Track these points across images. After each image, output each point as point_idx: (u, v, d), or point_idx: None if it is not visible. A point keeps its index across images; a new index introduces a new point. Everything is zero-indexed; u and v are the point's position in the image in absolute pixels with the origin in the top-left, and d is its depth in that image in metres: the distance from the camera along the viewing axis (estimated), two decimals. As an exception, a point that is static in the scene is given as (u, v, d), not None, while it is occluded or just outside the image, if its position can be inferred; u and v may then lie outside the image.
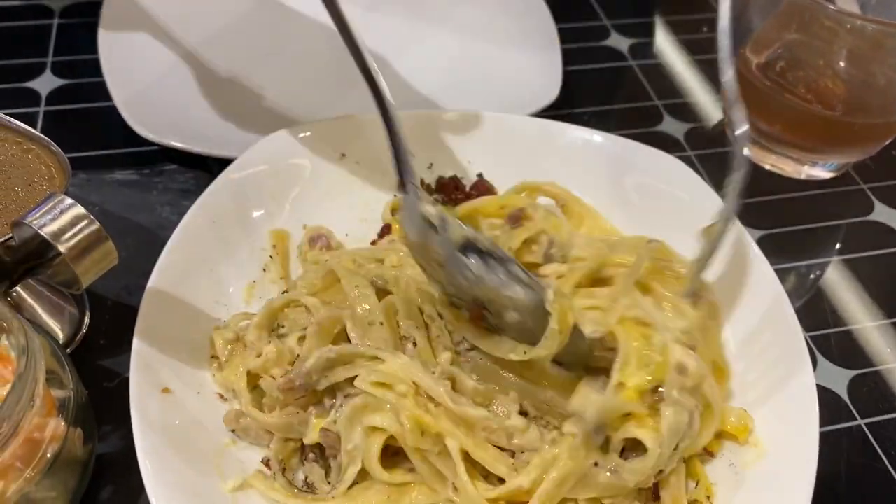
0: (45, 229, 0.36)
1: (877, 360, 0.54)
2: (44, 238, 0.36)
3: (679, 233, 0.49)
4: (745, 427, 0.43)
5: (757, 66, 0.60)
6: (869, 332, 0.55)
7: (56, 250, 0.37)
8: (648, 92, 0.72)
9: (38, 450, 0.37)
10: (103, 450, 0.44)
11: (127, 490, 0.43)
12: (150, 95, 0.62)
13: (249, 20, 0.71)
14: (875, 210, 0.64)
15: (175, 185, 0.58)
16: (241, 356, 0.45)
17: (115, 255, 0.38)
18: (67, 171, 0.42)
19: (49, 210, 0.36)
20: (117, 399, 0.45)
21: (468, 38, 0.72)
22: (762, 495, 0.41)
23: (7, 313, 0.38)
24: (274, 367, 0.45)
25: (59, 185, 0.43)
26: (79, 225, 0.36)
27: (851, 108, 0.58)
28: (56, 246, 0.36)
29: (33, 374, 0.36)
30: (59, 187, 0.43)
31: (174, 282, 0.46)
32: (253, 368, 0.45)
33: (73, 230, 0.36)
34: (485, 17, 0.73)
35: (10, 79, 0.67)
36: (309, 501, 0.41)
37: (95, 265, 0.37)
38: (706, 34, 0.79)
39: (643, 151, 0.56)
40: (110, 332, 0.49)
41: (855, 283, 0.59)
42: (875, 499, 0.47)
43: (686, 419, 0.41)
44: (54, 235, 0.36)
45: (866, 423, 0.50)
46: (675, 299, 0.45)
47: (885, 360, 0.54)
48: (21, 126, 0.45)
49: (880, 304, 0.57)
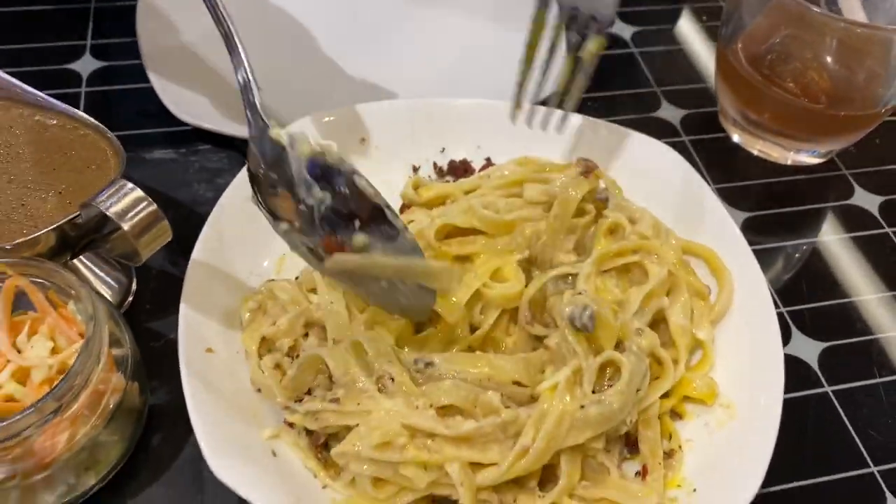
0: (111, 210, 0.41)
1: (846, 334, 0.59)
2: (109, 217, 0.41)
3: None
4: (712, 392, 0.49)
5: (747, 59, 0.64)
6: (841, 308, 0.61)
7: (117, 227, 0.43)
8: (648, 79, 0.76)
9: (102, 400, 0.43)
10: (152, 402, 0.50)
11: (174, 437, 0.49)
12: (186, 78, 0.67)
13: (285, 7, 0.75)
14: (855, 195, 0.69)
15: (209, 163, 0.64)
16: (259, 322, 0.51)
17: (169, 232, 0.44)
18: (122, 155, 0.48)
19: (113, 193, 0.42)
20: (163, 357, 0.51)
21: (476, 26, 0.76)
22: (730, 450, 0.47)
23: (76, 283, 0.43)
24: (284, 336, 0.50)
25: (114, 168, 0.48)
26: (139, 206, 0.42)
27: (835, 101, 0.63)
28: (120, 224, 0.41)
29: (99, 337, 0.42)
30: (114, 169, 0.48)
31: (214, 254, 0.52)
32: (267, 335, 0.50)
33: (135, 210, 0.42)
34: (491, 4, 0.77)
35: (53, 61, 0.72)
36: (321, 468, 0.46)
37: (153, 241, 0.43)
38: (706, 23, 0.83)
39: (636, 138, 0.61)
40: (155, 298, 0.55)
41: (832, 263, 0.64)
42: (837, 457, 0.53)
43: (644, 368, 0.48)
44: (118, 215, 0.41)
45: (832, 390, 0.56)
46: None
47: (854, 334, 0.59)
48: (78, 113, 0.50)
49: (853, 283, 0.62)
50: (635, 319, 0.51)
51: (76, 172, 0.48)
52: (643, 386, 0.48)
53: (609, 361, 0.47)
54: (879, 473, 0.52)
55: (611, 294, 0.53)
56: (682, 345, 0.51)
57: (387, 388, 0.46)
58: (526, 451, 0.44)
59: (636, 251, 0.54)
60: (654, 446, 0.48)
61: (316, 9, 0.76)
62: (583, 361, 0.47)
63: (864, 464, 0.52)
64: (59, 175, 0.48)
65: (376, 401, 0.45)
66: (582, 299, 0.49)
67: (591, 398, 0.46)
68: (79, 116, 0.50)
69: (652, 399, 0.49)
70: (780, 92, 0.63)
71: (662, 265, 0.53)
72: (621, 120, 0.71)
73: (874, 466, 0.52)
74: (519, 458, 0.44)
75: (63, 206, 0.46)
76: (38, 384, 0.43)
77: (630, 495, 0.46)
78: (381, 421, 0.44)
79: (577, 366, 0.47)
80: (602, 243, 0.55)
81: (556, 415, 0.45)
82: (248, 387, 0.49)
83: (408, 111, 0.62)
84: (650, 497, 0.46)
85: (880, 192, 0.69)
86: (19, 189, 0.47)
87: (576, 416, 0.45)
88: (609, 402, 0.46)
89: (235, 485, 0.42)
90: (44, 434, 0.40)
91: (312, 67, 0.71)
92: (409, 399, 0.45)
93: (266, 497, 0.42)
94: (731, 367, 0.51)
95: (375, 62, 0.72)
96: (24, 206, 0.46)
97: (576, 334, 0.48)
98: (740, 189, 0.68)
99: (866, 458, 0.53)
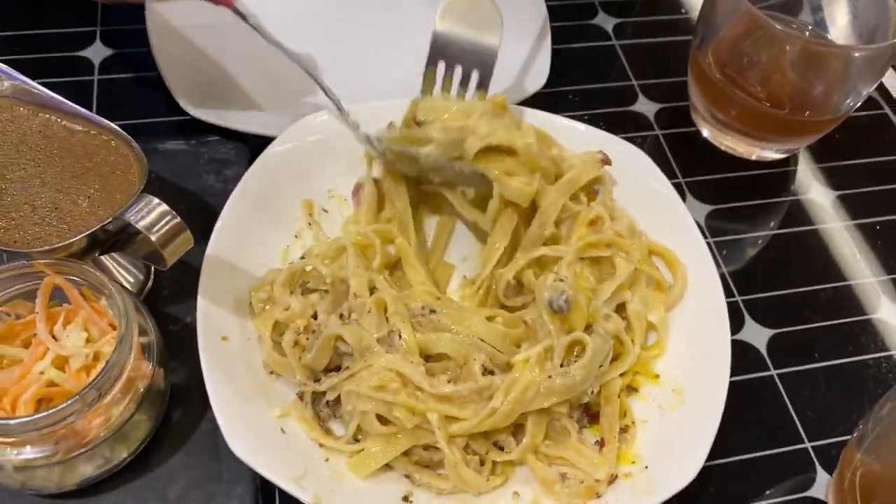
0: (140, 224, 0.47)
1: (793, 322, 0.66)
2: (139, 230, 0.47)
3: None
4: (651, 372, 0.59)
5: (716, 62, 0.70)
6: (791, 297, 0.67)
7: (143, 234, 0.49)
8: (627, 72, 0.81)
9: (133, 386, 0.49)
10: (173, 381, 0.56)
11: (193, 412, 0.55)
12: (195, 71, 0.71)
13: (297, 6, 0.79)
14: (812, 189, 0.75)
15: (218, 154, 0.68)
16: (270, 310, 0.57)
17: (191, 240, 0.49)
18: (144, 164, 0.53)
19: (142, 208, 0.48)
20: (181, 340, 0.57)
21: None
22: (679, 431, 0.54)
23: (107, 283, 0.49)
24: (298, 318, 0.57)
25: (137, 174, 0.53)
26: (164, 219, 0.48)
27: (796, 107, 0.68)
28: (149, 237, 0.47)
29: (131, 331, 0.48)
30: (137, 175, 0.53)
31: (227, 248, 0.58)
32: (280, 319, 0.56)
33: (161, 223, 0.48)
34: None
35: (64, 47, 0.76)
36: (324, 436, 0.53)
37: (178, 249, 0.49)
38: (684, 15, 0.87)
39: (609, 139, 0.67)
40: (171, 285, 0.61)
41: (787, 254, 0.70)
42: (776, 434, 0.60)
43: (607, 349, 0.55)
44: (146, 228, 0.47)
45: (777, 374, 0.63)
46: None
47: (800, 322, 0.66)
48: (102, 120, 0.55)
49: (805, 273, 0.69)
50: (604, 306, 0.58)
51: (103, 177, 0.53)
52: (605, 363, 0.56)
53: (577, 341, 0.55)
54: (812, 449, 0.59)
55: (587, 282, 0.59)
56: (638, 327, 0.59)
57: (394, 344, 0.53)
58: (494, 411, 0.52)
59: (609, 246, 0.61)
60: (612, 422, 0.55)
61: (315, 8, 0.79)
62: (554, 340, 0.54)
63: (800, 440, 0.59)
64: (87, 180, 0.53)
65: (379, 356, 0.53)
66: (561, 286, 0.55)
67: (557, 371, 0.53)
68: (103, 123, 0.55)
69: (613, 375, 0.56)
70: (745, 96, 0.68)
71: (630, 262, 0.59)
72: (599, 113, 0.77)
73: (808, 442, 0.59)
74: (487, 416, 0.52)
75: (93, 211, 0.51)
76: (76, 371, 0.49)
77: (586, 459, 0.54)
78: (380, 368, 0.52)
79: (549, 344, 0.54)
80: (582, 232, 0.61)
81: (524, 383, 0.52)
82: (260, 370, 0.55)
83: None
84: (604, 466, 0.53)
85: (836, 188, 0.75)
86: (52, 193, 0.52)
87: (542, 384, 0.53)
88: (573, 375, 0.53)
89: (249, 459, 0.49)
90: (84, 418, 0.46)
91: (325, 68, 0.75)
92: (407, 356, 0.53)
93: (276, 469, 0.49)
94: (684, 355, 0.58)
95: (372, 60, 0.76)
96: (57, 210, 0.51)
97: (551, 315, 0.55)
98: (707, 182, 0.73)
99: (802, 435, 0.60)
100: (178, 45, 0.73)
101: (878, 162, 0.77)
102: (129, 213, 0.47)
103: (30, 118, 0.55)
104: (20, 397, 0.48)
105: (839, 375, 0.63)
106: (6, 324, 0.51)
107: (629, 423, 0.56)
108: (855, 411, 0.61)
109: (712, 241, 0.69)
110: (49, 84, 0.72)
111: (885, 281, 0.69)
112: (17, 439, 0.45)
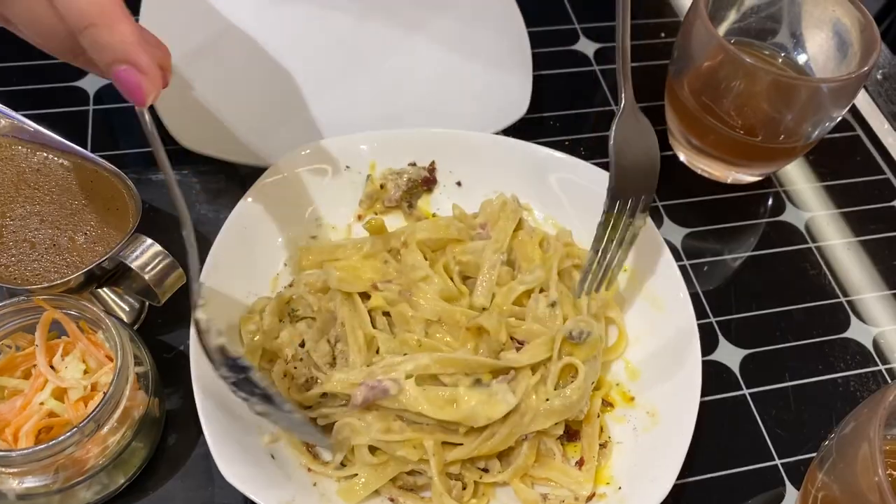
0: (134, 264, 0.50)
1: (765, 342, 0.68)
2: (132, 269, 0.49)
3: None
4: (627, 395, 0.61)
5: (691, 91, 0.72)
6: (763, 318, 0.70)
7: (137, 273, 0.51)
8: (607, 97, 0.84)
9: (130, 415, 0.52)
10: (167, 407, 0.59)
11: (187, 438, 0.58)
12: (188, 103, 0.74)
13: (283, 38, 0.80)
14: (786, 211, 0.77)
15: (210, 184, 0.71)
16: (259, 340, 0.59)
17: (184, 277, 0.52)
18: (138, 201, 0.55)
19: (135, 248, 0.50)
20: (175, 367, 0.60)
21: (443, 55, 0.81)
22: (652, 452, 0.56)
23: (104, 317, 0.51)
24: (286, 347, 0.59)
25: (131, 211, 0.56)
26: (157, 259, 0.50)
27: (769, 133, 0.70)
28: (143, 276, 0.49)
29: (126, 364, 0.50)
30: (132, 213, 0.55)
31: (219, 277, 0.60)
32: (269, 348, 0.59)
33: (154, 263, 0.50)
34: (459, 33, 0.82)
35: (60, 79, 0.78)
36: (312, 461, 0.55)
37: (171, 286, 0.51)
38: (664, 39, 0.90)
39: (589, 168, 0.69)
40: (165, 313, 0.63)
41: (760, 276, 0.72)
42: (748, 452, 0.62)
43: (597, 367, 0.59)
44: (140, 268, 0.50)
45: (749, 393, 0.65)
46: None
47: (772, 342, 0.68)
48: (98, 159, 0.57)
49: (777, 294, 0.71)
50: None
51: (99, 214, 0.55)
52: (595, 379, 0.59)
53: (568, 365, 0.58)
54: (782, 466, 0.62)
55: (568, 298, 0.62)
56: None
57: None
58: (493, 435, 0.55)
59: (568, 256, 0.65)
60: (592, 441, 0.58)
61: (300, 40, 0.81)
62: (554, 364, 0.58)
63: (770, 457, 0.62)
64: (83, 216, 0.55)
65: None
66: (581, 324, 0.59)
67: (553, 393, 0.56)
68: (98, 161, 0.57)
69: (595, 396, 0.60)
70: (720, 124, 0.71)
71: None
72: (580, 138, 0.79)
73: (778, 460, 0.62)
74: (486, 440, 0.55)
75: (90, 247, 0.54)
76: (75, 402, 0.51)
77: (571, 479, 0.56)
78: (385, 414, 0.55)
79: (544, 373, 0.58)
80: (539, 253, 0.64)
81: (523, 409, 0.55)
82: (250, 398, 0.57)
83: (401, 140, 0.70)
84: (588, 483, 0.56)
85: (807, 209, 0.77)
86: (50, 230, 0.55)
87: (540, 408, 0.56)
88: (570, 395, 0.56)
89: (240, 484, 0.51)
90: (83, 447, 0.49)
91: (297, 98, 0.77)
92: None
93: (266, 494, 0.51)
94: (658, 377, 0.60)
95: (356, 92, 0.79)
96: (55, 247, 0.54)
97: (565, 342, 0.58)
98: (684, 205, 0.76)
99: (773, 452, 0.62)
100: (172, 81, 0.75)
101: (850, 183, 0.80)
102: (123, 253, 0.50)
103: (28, 156, 0.58)
104: (21, 428, 0.50)
105: (809, 394, 0.66)
106: (7, 356, 0.54)
107: (606, 438, 0.59)
108: (824, 429, 0.64)
109: (688, 264, 0.72)
110: (45, 115, 0.75)
111: (853, 301, 0.71)
112: (18, 470, 0.48)
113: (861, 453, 0.48)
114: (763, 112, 0.69)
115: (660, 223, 0.74)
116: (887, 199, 0.79)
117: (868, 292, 0.72)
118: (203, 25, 0.79)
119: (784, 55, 0.75)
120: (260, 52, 0.79)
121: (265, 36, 0.80)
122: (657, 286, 0.64)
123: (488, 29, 0.82)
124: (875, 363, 0.68)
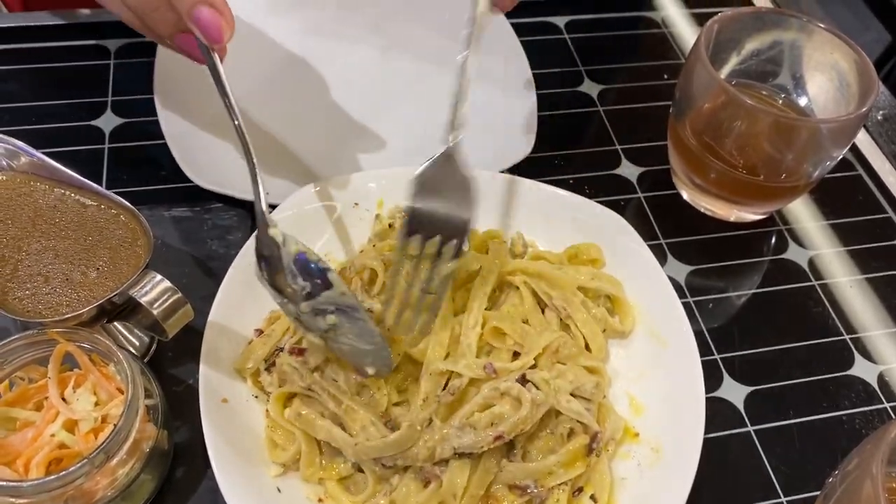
0: (143, 299, 0.51)
1: (769, 379, 0.68)
2: (141, 304, 0.50)
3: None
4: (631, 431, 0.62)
5: (693, 131, 0.73)
6: (767, 356, 0.70)
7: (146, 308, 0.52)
8: (611, 137, 0.85)
9: (139, 447, 0.53)
10: (176, 440, 0.59)
11: (195, 470, 0.58)
12: (200, 141, 0.75)
13: (295, 72, 0.83)
14: (789, 249, 0.78)
15: (221, 221, 0.72)
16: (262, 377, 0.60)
17: (192, 313, 0.53)
18: (150, 238, 0.56)
19: (145, 284, 0.51)
20: (184, 401, 0.60)
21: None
22: (656, 488, 0.57)
23: (115, 350, 0.52)
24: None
25: (143, 247, 0.57)
26: (166, 295, 0.52)
27: (771, 172, 0.72)
28: (151, 311, 0.50)
29: (137, 396, 0.51)
30: (143, 248, 0.57)
31: (228, 313, 0.61)
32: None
33: (163, 299, 0.51)
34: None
35: (78, 118, 0.80)
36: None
37: (178, 322, 0.53)
38: (666, 80, 0.91)
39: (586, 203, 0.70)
40: (175, 347, 0.64)
41: (763, 313, 0.73)
42: (753, 489, 0.62)
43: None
44: (149, 303, 0.51)
45: (754, 430, 0.65)
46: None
47: (776, 379, 0.68)
48: (112, 195, 0.58)
49: (781, 332, 0.72)
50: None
51: (111, 250, 0.57)
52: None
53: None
54: (787, 503, 0.62)
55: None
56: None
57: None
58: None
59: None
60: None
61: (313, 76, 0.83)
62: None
63: (776, 494, 0.62)
64: (96, 252, 0.57)
65: None
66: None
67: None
68: (113, 198, 0.58)
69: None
70: (721, 164, 0.72)
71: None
72: (583, 177, 0.80)
73: (783, 497, 0.62)
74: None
75: (101, 282, 0.55)
76: (85, 433, 0.52)
77: None
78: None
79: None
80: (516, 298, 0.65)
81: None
82: (257, 431, 0.58)
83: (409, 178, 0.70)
84: None
85: (810, 247, 0.78)
86: (64, 265, 0.56)
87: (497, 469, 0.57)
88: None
89: (248, 518, 0.52)
90: (92, 479, 0.49)
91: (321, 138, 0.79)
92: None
93: (273, 528, 0.52)
94: (662, 413, 0.61)
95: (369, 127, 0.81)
96: (68, 281, 0.55)
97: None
98: (688, 243, 0.77)
99: (777, 489, 0.62)
100: (184, 115, 0.77)
101: (853, 222, 0.81)
102: (133, 288, 0.51)
103: (46, 193, 0.59)
104: (32, 459, 0.51)
105: (814, 431, 0.66)
106: (20, 388, 0.55)
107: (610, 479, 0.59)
108: (828, 466, 0.63)
109: (692, 301, 0.73)
110: (63, 152, 0.77)
111: (857, 338, 0.72)
112: (29, 500, 0.48)
113: (864, 491, 0.48)
114: (764, 152, 0.71)
115: (664, 260, 0.75)
116: (889, 238, 0.79)
117: (872, 330, 0.72)
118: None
119: (784, 96, 0.77)
120: (273, 91, 0.82)
121: (278, 74, 0.82)
122: (661, 322, 0.65)
123: (496, 70, 0.84)
124: (880, 401, 0.68)
